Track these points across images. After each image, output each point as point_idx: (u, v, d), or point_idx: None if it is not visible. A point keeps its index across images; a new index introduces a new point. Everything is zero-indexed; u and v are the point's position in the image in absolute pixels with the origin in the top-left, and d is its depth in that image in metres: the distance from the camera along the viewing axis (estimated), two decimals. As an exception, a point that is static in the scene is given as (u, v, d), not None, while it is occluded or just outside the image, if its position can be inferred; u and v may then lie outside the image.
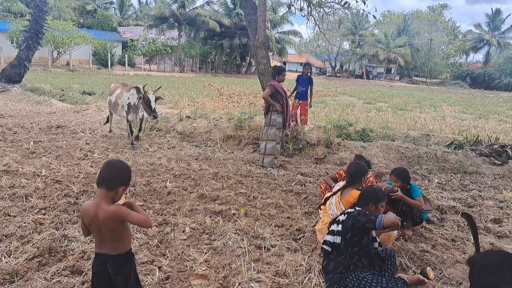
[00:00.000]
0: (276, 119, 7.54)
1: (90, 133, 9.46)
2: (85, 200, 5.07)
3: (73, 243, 3.96)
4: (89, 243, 3.99)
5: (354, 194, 4.16)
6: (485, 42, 64.82)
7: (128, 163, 6.96)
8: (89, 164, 6.82)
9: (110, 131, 9.70)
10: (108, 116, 9.79)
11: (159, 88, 9.07)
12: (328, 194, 4.47)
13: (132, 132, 8.51)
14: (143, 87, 7.98)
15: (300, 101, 9.79)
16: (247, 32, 9.70)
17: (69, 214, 4.63)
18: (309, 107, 10.03)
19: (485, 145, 9.01)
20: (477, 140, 9.29)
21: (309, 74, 9.77)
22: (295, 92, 9.81)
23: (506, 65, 55.22)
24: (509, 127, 14.41)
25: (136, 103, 8.18)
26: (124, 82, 9.48)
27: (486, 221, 5.48)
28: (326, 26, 12.68)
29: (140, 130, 8.73)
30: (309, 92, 9.74)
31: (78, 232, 4.19)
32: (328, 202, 4.38)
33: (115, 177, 2.57)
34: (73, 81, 23.74)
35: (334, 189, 4.55)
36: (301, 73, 9.92)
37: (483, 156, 8.45)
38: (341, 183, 4.59)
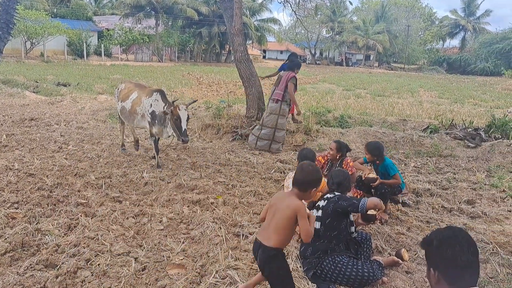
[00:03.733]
0: (286, 109, 7.92)
1: (65, 125, 9.26)
2: (59, 193, 4.98)
3: (46, 236, 3.89)
4: (63, 237, 3.93)
5: None
6: (461, 27, 65.68)
7: (104, 154, 6.88)
8: (64, 156, 6.67)
9: (123, 145, 7.44)
10: (120, 127, 7.57)
11: (193, 102, 6.93)
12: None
13: (158, 150, 6.53)
14: (173, 101, 6.05)
15: None
16: (224, 20, 9.56)
17: (42, 208, 4.53)
18: None
19: (459, 128, 9.21)
20: (452, 124, 9.48)
21: None
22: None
23: (481, 50, 56.19)
24: (483, 111, 14.74)
25: (161, 112, 6.21)
26: (138, 82, 7.25)
27: (460, 203, 5.62)
28: (303, 12, 12.65)
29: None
30: None
31: (52, 225, 4.12)
32: None
33: (313, 181, 2.82)
34: (48, 72, 23.14)
35: (287, 183, 4.49)
36: (285, 63, 9.72)
37: (458, 139, 8.63)
38: (291, 174, 4.55)
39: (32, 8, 37.29)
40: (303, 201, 2.92)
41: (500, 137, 8.69)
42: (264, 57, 69.68)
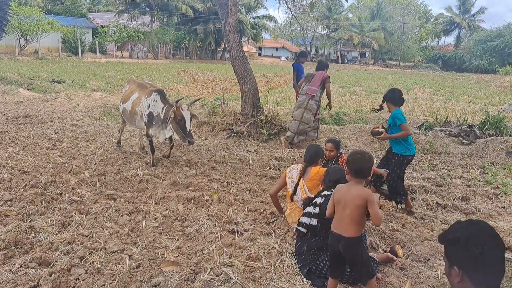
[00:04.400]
0: (314, 105, 8.20)
1: (59, 122, 9.20)
2: (53, 191, 4.95)
3: (40, 234, 3.86)
4: (57, 234, 3.91)
5: (313, 170, 4.22)
6: (456, 25, 65.92)
7: (98, 151, 6.85)
8: (58, 153, 6.64)
9: (119, 142, 7.37)
10: (120, 126, 7.60)
11: (195, 101, 6.83)
12: (291, 184, 4.41)
13: (153, 150, 6.39)
14: (177, 101, 5.80)
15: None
16: (220, 16, 9.52)
17: (36, 205, 4.51)
18: None
19: (454, 125, 9.24)
20: (446, 121, 9.52)
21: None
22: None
23: (476, 48, 56.38)
24: (478, 108, 14.80)
25: (160, 113, 6.06)
26: (141, 81, 7.03)
27: (454, 199, 5.65)
28: (298, 9, 12.64)
29: (171, 147, 6.78)
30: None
31: (46, 223, 4.09)
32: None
33: (369, 168, 3.07)
34: (42, 69, 22.97)
35: (290, 174, 4.48)
36: (298, 62, 9.84)
37: (452, 136, 8.66)
38: (296, 166, 4.55)
39: (26, 5, 37.02)
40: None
41: (494, 134, 8.74)
42: (259, 54, 69.60)
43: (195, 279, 3.30)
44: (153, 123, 6.11)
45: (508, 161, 7.41)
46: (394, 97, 4.85)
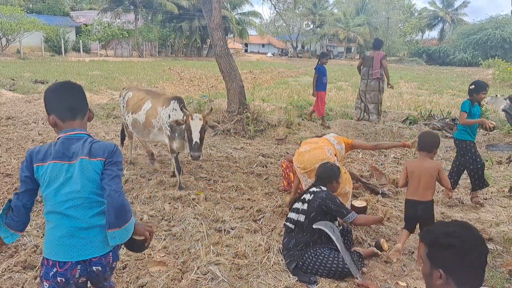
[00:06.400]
0: (383, 86, 9.23)
1: (42, 124, 9.08)
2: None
3: (25, 238, 3.83)
4: (41, 237, 3.87)
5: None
6: (439, 19, 66.62)
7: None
8: (42, 155, 6.55)
9: (132, 163, 6.53)
10: (124, 139, 6.72)
11: (211, 110, 5.78)
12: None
13: (180, 169, 5.53)
14: (181, 108, 5.23)
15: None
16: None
17: (20, 209, 4.45)
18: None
19: (437, 119, 9.38)
20: (430, 115, 9.66)
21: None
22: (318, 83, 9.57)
23: (459, 41, 57.01)
24: (462, 101, 14.98)
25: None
26: (149, 89, 6.27)
27: (438, 192, 5.72)
28: (283, 6, 12.65)
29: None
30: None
31: (30, 226, 4.05)
32: None
33: (435, 143, 3.82)
34: (25, 69, 22.57)
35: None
36: (320, 64, 9.60)
37: (436, 129, 8.79)
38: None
39: (6, 4, 36.29)
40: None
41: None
42: (246, 50, 69.47)
43: (182, 279, 3.31)
44: (176, 135, 5.43)
45: (490, 153, 7.55)
46: (479, 88, 5.40)
